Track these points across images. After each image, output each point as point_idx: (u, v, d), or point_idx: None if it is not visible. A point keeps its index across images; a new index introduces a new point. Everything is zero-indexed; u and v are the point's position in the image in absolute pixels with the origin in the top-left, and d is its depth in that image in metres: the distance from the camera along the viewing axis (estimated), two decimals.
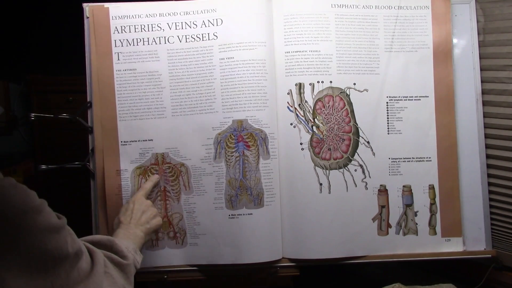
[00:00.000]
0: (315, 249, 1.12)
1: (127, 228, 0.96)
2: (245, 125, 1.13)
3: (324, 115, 1.15)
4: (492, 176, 1.17)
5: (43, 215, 0.57)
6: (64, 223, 0.61)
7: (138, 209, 1.02)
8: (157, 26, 1.15)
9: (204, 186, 1.13)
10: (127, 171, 1.13)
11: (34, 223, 0.56)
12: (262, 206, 1.12)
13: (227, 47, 1.14)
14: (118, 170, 1.13)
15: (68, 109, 1.80)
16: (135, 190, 1.12)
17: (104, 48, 1.14)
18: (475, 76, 1.17)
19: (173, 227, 1.14)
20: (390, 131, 1.16)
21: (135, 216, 1.00)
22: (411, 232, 1.16)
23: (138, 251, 0.90)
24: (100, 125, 1.14)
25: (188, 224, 1.13)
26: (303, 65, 1.14)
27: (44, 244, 0.57)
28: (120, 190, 1.13)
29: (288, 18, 1.14)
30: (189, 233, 1.13)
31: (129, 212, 1.01)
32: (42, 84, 1.82)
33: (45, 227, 0.57)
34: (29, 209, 0.56)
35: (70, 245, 0.61)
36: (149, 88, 1.14)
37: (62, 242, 0.59)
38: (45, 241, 0.57)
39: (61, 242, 0.59)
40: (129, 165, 1.14)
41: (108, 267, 0.70)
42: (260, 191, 1.12)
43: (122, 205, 1.09)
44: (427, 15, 1.17)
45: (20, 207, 0.55)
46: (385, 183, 1.16)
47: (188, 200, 1.13)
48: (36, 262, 0.56)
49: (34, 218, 0.56)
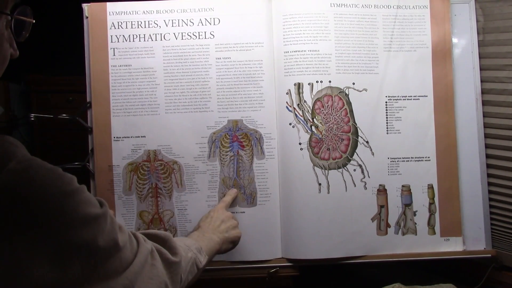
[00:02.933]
0: (314, 248, 1.12)
1: (203, 232, 0.98)
2: (240, 125, 1.14)
3: (323, 115, 1.15)
4: (492, 176, 1.17)
5: (76, 202, 0.53)
6: (103, 212, 0.57)
7: (218, 218, 1.03)
8: (153, 22, 1.15)
9: (197, 184, 1.14)
10: (119, 167, 1.14)
11: (65, 209, 0.51)
12: (255, 205, 1.13)
13: (223, 47, 1.14)
14: (110, 166, 1.14)
15: (68, 109, 1.81)
16: (127, 186, 1.13)
17: (100, 43, 1.15)
18: (475, 75, 1.17)
19: (164, 224, 1.14)
20: (389, 130, 1.16)
21: (214, 224, 1.01)
22: (410, 232, 1.16)
23: (204, 252, 0.88)
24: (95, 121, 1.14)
25: (179, 222, 1.14)
26: (302, 65, 1.14)
27: (75, 232, 0.52)
28: (112, 185, 1.13)
29: (287, 17, 1.14)
30: (180, 231, 1.14)
31: (208, 219, 1.03)
32: (42, 84, 1.82)
33: (80, 215, 0.53)
34: (60, 193, 0.51)
35: (107, 234, 0.56)
36: (143, 85, 1.15)
37: (96, 232, 0.54)
38: (77, 230, 0.52)
39: (96, 232, 0.54)
40: (121, 161, 1.14)
41: (155, 259, 0.68)
42: (253, 191, 1.13)
43: (114, 201, 1.12)
44: (426, 14, 1.17)
45: (51, 191, 0.51)
46: (384, 183, 1.16)
47: (180, 197, 1.14)
48: (63, 251, 0.51)
49: (66, 204, 0.51)
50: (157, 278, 0.66)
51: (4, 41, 0.56)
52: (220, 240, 0.98)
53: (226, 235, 1.01)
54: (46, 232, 0.50)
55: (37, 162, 0.52)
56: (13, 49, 0.60)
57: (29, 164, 0.51)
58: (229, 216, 1.06)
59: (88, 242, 0.53)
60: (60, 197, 0.51)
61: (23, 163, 0.50)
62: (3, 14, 0.54)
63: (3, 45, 0.55)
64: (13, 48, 0.60)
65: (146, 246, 0.67)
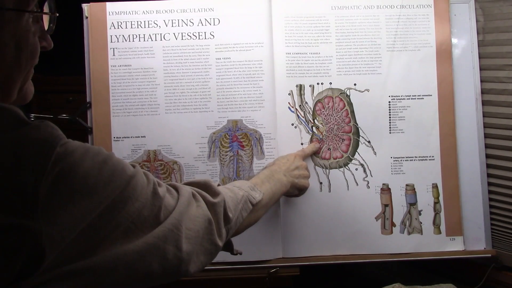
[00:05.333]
0: (316, 246, 1.13)
1: (275, 172, 0.99)
2: (240, 125, 1.14)
3: (323, 116, 1.15)
4: (492, 176, 1.17)
5: (110, 166, 0.56)
6: (137, 171, 0.61)
7: (294, 163, 1.05)
8: (153, 22, 1.15)
9: None
10: None
11: (103, 173, 0.55)
12: None
13: (223, 47, 1.14)
14: None
15: (68, 109, 1.80)
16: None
17: (100, 43, 1.15)
18: (475, 75, 1.17)
19: None
20: (392, 130, 1.16)
21: (290, 167, 1.03)
22: (415, 231, 1.16)
23: (258, 188, 0.89)
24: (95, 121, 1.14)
25: None
26: (303, 66, 1.14)
27: (117, 191, 0.56)
28: None
29: (289, 19, 1.14)
30: None
31: (285, 160, 1.05)
32: (42, 84, 1.82)
33: (116, 176, 0.57)
34: (95, 162, 0.55)
35: (146, 188, 0.61)
36: (143, 85, 1.15)
37: (135, 187, 0.59)
38: (118, 188, 0.57)
39: (135, 187, 0.59)
40: None
41: (199, 200, 0.72)
42: None
43: None
44: (430, 13, 1.17)
45: (88, 164, 0.54)
46: (388, 182, 1.16)
47: None
48: (111, 207, 0.56)
49: (104, 169, 0.55)
50: (202, 216, 0.70)
51: (30, 36, 0.59)
52: (288, 183, 1.00)
53: (296, 181, 1.03)
54: (94, 197, 0.54)
55: (71, 143, 0.55)
56: (47, 42, 0.63)
57: (67, 146, 0.54)
58: (305, 165, 1.08)
59: (131, 197, 0.58)
60: (98, 165, 0.55)
61: (63, 146, 0.53)
62: (26, 12, 0.57)
63: (29, 39, 0.58)
64: (47, 41, 0.63)
65: (186, 189, 0.71)
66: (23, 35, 0.57)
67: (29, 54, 0.59)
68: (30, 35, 0.59)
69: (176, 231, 0.63)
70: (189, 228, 0.66)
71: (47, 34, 0.63)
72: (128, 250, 0.57)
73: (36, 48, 0.60)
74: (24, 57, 0.58)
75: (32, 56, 0.60)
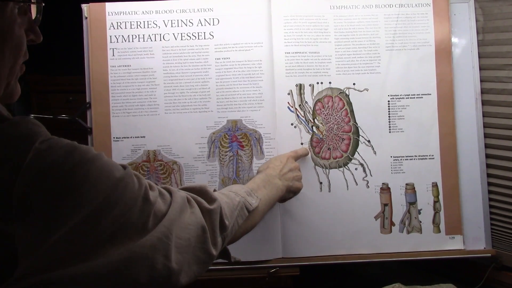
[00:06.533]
0: (316, 245, 1.13)
1: (269, 176, 0.98)
2: (239, 125, 1.14)
3: (323, 115, 1.15)
4: (491, 176, 1.16)
5: (98, 167, 0.54)
6: (126, 173, 0.57)
7: (287, 166, 1.03)
8: (153, 23, 1.15)
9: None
10: None
11: (90, 174, 0.52)
12: None
13: (223, 47, 1.14)
14: None
15: (67, 109, 1.81)
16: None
17: (100, 43, 1.15)
18: (474, 75, 1.17)
19: None
20: (391, 129, 1.16)
21: (283, 170, 1.02)
22: (415, 230, 1.16)
23: (254, 194, 0.87)
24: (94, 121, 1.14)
25: None
26: (303, 66, 1.14)
27: (104, 194, 0.53)
28: None
29: (288, 19, 1.15)
30: None
31: (278, 162, 1.03)
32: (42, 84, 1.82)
33: (104, 177, 0.54)
34: (82, 161, 0.52)
35: (136, 192, 0.57)
36: (143, 85, 1.15)
37: (124, 191, 0.56)
38: (105, 191, 0.53)
39: (124, 191, 0.56)
40: (121, 161, 1.13)
41: (194, 207, 0.68)
42: None
43: None
44: (429, 12, 1.17)
45: (73, 161, 0.52)
46: (387, 181, 1.16)
47: None
48: (96, 211, 0.52)
49: (91, 169, 0.53)
50: (195, 224, 0.66)
51: (16, 27, 0.56)
52: (284, 188, 0.99)
53: (291, 184, 1.02)
54: (76, 199, 0.51)
55: (56, 140, 0.53)
56: (35, 35, 0.60)
57: (50, 142, 0.52)
58: (298, 166, 1.07)
59: (118, 202, 0.54)
60: (83, 165, 0.52)
61: (44, 142, 0.51)
62: (10, 2, 0.55)
63: (14, 30, 0.56)
64: (35, 33, 0.60)
65: (180, 194, 0.67)
66: (7, 25, 0.55)
67: (14, 47, 0.56)
68: (16, 27, 0.56)
69: (165, 240, 0.58)
70: (180, 237, 0.61)
71: (36, 26, 0.60)
72: (113, 258, 0.52)
73: (22, 40, 0.58)
74: (8, 49, 0.55)
75: (18, 49, 0.57)
